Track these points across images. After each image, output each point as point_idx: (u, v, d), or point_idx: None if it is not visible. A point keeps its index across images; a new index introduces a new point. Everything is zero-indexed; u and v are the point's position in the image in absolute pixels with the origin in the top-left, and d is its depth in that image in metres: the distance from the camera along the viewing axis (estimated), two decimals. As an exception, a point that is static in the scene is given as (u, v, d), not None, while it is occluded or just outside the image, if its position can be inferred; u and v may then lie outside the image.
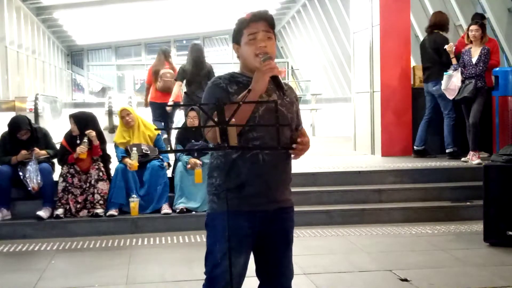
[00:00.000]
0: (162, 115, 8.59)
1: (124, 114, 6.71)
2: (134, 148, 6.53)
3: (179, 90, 8.12)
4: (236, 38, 2.67)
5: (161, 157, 6.69)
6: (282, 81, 2.65)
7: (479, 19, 8.26)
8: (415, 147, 8.46)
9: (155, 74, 8.68)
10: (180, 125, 9.55)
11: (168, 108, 8.25)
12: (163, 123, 8.61)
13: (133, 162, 6.44)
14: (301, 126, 2.76)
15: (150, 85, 8.87)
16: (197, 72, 7.90)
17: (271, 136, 2.55)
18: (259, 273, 2.73)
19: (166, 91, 8.36)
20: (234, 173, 2.59)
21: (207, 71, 7.91)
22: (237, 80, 2.63)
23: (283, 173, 2.67)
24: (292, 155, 2.63)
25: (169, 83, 8.34)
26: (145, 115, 8.05)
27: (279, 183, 2.66)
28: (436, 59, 8.17)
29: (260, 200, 2.59)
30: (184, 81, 8.11)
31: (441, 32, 8.23)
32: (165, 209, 6.45)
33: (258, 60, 2.56)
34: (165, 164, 6.73)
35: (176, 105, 8.44)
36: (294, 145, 2.58)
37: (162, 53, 9.02)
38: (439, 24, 8.25)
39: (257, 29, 2.61)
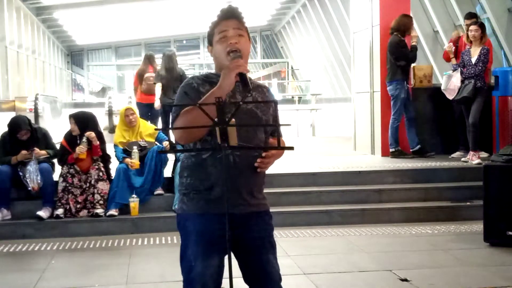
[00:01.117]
0: (147, 115, 9.14)
1: (128, 113, 6.73)
2: (135, 147, 6.54)
3: (160, 91, 8.88)
4: (209, 39, 2.67)
5: (159, 144, 6.76)
6: (258, 82, 2.64)
7: (470, 17, 8.30)
8: (410, 149, 8.45)
9: (140, 78, 9.40)
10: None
11: (156, 106, 8.84)
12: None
13: (134, 161, 6.46)
14: (279, 134, 2.66)
15: (137, 87, 9.57)
16: (170, 78, 8.70)
17: (242, 138, 2.49)
18: (245, 277, 2.65)
19: (149, 92, 9.10)
20: (204, 173, 2.54)
21: (178, 75, 8.69)
22: (211, 80, 2.58)
23: (254, 176, 2.56)
24: (256, 165, 2.51)
25: (152, 85, 9.03)
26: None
27: (251, 186, 2.57)
28: (392, 61, 8.24)
29: (229, 203, 2.44)
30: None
31: (399, 35, 8.23)
32: (158, 190, 6.62)
33: (229, 58, 2.53)
34: (165, 144, 6.71)
35: (174, 105, 8.52)
36: (257, 160, 2.50)
37: (147, 58, 9.70)
38: (396, 27, 8.28)
39: (227, 27, 2.59)
